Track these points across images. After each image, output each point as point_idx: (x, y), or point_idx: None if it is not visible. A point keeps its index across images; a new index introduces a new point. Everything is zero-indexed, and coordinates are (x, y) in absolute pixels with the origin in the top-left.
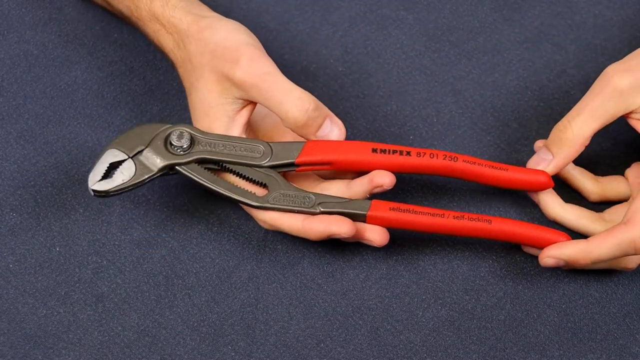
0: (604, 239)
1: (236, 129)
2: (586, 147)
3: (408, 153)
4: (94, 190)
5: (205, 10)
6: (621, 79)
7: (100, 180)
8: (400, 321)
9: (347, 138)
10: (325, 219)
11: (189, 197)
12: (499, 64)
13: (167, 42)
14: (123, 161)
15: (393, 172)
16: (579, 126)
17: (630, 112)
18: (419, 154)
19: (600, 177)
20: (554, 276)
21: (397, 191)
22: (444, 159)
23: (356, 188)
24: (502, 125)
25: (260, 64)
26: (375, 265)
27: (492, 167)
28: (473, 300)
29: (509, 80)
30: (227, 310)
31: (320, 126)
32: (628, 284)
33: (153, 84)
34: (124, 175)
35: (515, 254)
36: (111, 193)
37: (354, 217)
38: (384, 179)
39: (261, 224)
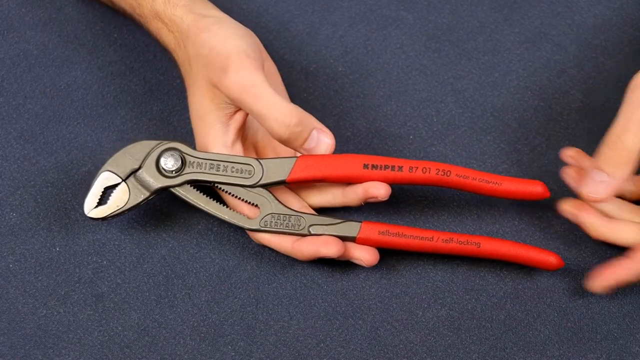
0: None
1: (231, 134)
2: None
3: (400, 168)
4: (90, 218)
5: (207, 9)
6: None
7: (96, 206)
8: (400, 321)
9: (348, 138)
10: (315, 240)
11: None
12: (499, 64)
13: (169, 41)
14: (117, 184)
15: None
16: (632, 140)
17: None
18: (411, 169)
19: (636, 176)
20: (554, 276)
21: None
22: (436, 173)
23: (352, 195)
24: (502, 125)
25: (247, 74)
26: (375, 265)
27: (486, 180)
28: (473, 300)
29: (509, 80)
30: (227, 310)
31: (305, 140)
32: None
33: (153, 84)
34: (119, 200)
35: None
36: (108, 218)
37: (344, 240)
38: (379, 191)
39: (254, 240)
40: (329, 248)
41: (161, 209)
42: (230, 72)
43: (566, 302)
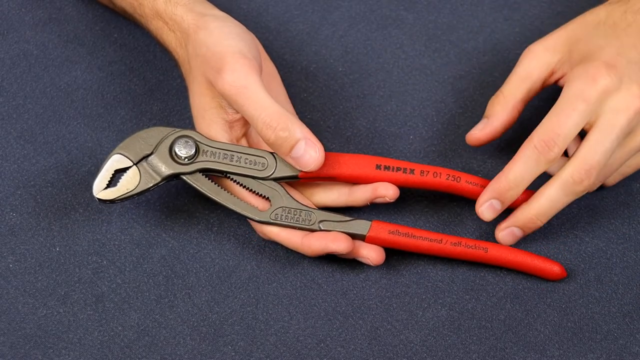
0: (513, 158)
1: (234, 132)
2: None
3: (412, 171)
4: (99, 199)
5: (207, 8)
6: (535, 46)
7: (106, 188)
8: (400, 321)
9: (348, 138)
10: (324, 236)
11: (189, 197)
12: (499, 64)
13: (170, 40)
14: (128, 168)
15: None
16: (509, 89)
17: (552, 73)
18: (422, 172)
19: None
20: None
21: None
22: (447, 178)
23: (358, 195)
24: None
25: (240, 75)
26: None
27: None
28: (473, 300)
29: None
30: (227, 310)
31: (291, 148)
32: (628, 284)
33: (153, 84)
34: (129, 183)
35: None
36: (116, 201)
37: (353, 238)
38: (388, 191)
39: (260, 234)
40: (338, 244)
41: (161, 209)
42: (225, 73)
43: (566, 302)
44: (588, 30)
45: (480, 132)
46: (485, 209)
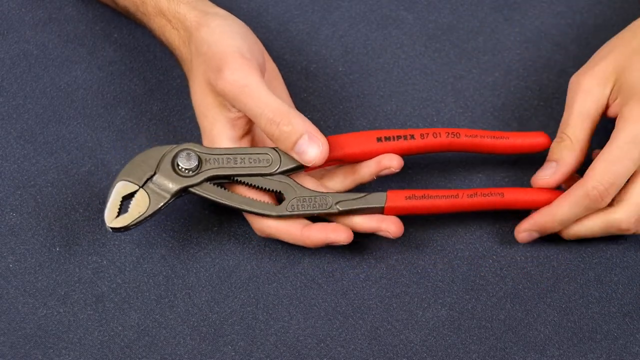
0: (563, 197)
1: (237, 129)
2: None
3: (412, 136)
4: (112, 228)
5: (210, 6)
6: (585, 79)
7: (117, 216)
8: (400, 321)
9: None
10: (324, 227)
11: (189, 197)
12: (499, 64)
13: (173, 39)
14: (135, 192)
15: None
16: (573, 132)
17: (607, 107)
18: (422, 136)
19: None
20: (554, 276)
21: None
22: (447, 136)
23: (363, 171)
24: (502, 125)
25: (241, 74)
26: (375, 265)
27: (493, 137)
28: (473, 300)
29: (509, 80)
30: (227, 310)
31: (295, 143)
32: (628, 284)
33: (153, 84)
34: (139, 207)
35: (516, 254)
36: (130, 227)
37: (372, 211)
38: (392, 162)
39: (259, 234)
40: (338, 234)
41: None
42: (225, 73)
43: (566, 303)
44: (632, 58)
45: (551, 179)
46: (525, 236)
